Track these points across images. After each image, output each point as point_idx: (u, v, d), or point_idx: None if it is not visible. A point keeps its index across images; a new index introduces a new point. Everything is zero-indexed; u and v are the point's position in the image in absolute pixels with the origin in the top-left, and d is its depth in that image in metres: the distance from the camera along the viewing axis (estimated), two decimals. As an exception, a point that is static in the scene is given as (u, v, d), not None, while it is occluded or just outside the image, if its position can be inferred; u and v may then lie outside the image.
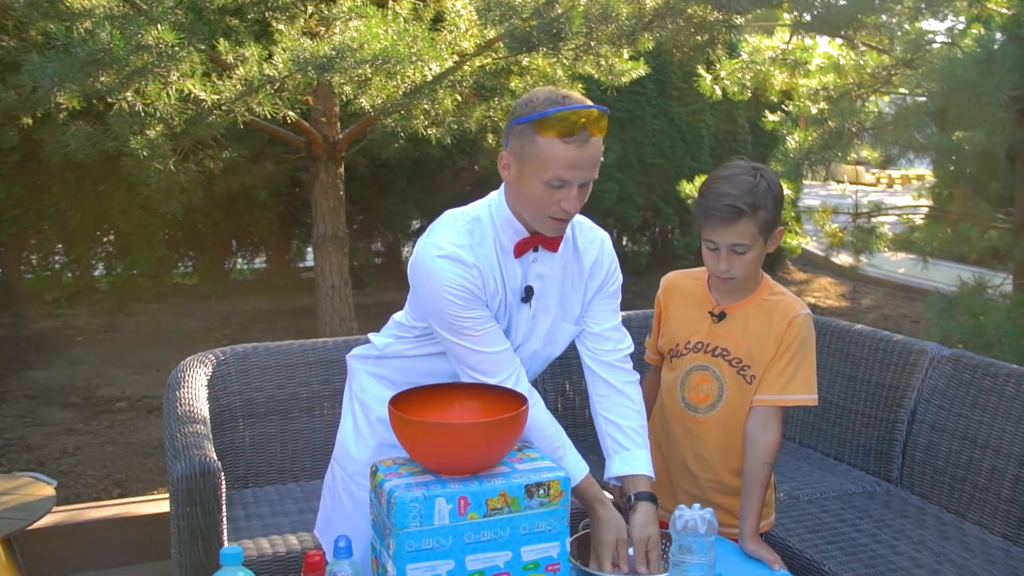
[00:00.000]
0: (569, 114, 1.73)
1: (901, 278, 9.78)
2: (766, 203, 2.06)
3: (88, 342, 6.96)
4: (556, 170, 1.75)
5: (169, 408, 3.14)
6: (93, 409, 5.45)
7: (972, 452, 3.02)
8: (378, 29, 4.25)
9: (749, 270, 2.15)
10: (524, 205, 1.84)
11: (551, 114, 1.73)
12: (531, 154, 1.77)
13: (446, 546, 1.61)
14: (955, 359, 3.20)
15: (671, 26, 4.72)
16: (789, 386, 2.18)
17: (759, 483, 2.16)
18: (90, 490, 4.29)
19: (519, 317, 1.92)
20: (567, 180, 1.76)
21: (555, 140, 1.74)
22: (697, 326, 2.26)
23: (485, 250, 1.87)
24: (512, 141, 1.81)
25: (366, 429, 2.03)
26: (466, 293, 1.81)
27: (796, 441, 3.74)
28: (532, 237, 1.88)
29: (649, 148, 9.63)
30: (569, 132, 1.73)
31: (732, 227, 2.07)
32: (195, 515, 2.72)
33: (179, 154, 5.31)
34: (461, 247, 1.84)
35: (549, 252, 1.92)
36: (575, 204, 1.80)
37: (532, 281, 1.91)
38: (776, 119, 5.91)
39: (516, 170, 1.81)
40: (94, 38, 3.84)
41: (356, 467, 2.02)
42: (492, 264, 1.87)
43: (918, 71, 4.83)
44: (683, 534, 1.54)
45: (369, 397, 2.04)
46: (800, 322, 2.19)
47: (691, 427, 2.26)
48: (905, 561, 2.73)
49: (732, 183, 2.08)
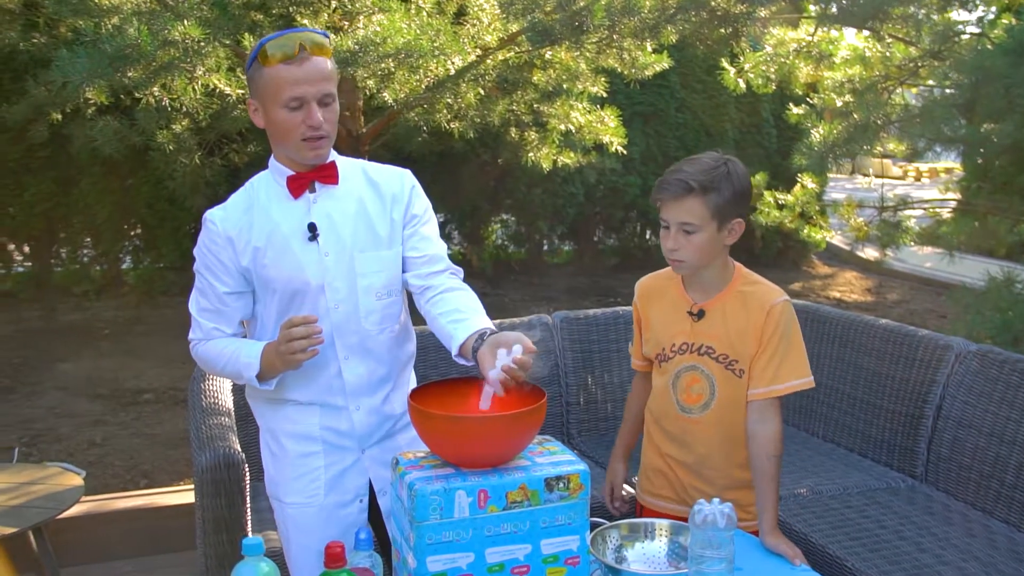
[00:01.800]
0: (284, 40, 1.89)
1: (928, 272, 9.67)
2: (720, 187, 2.08)
3: (115, 334, 7.04)
4: (288, 91, 1.88)
5: (194, 400, 3.18)
6: (120, 401, 5.51)
7: (999, 449, 2.99)
8: (401, 23, 4.25)
9: (699, 255, 2.14)
10: (280, 141, 1.97)
11: (265, 44, 1.89)
12: (265, 87, 1.91)
13: (466, 539, 1.62)
14: (982, 354, 3.17)
15: (694, 19, 4.68)
16: (778, 375, 2.17)
17: (768, 477, 2.15)
18: (117, 480, 4.35)
19: (307, 256, 1.97)
20: (301, 97, 1.89)
21: (279, 66, 1.89)
22: (679, 327, 2.25)
23: (258, 203, 1.99)
24: (251, 86, 1.96)
25: (280, 452, 2.10)
26: (201, 248, 2.01)
27: (820, 436, 3.72)
28: (303, 174, 1.99)
29: (672, 141, 9.57)
30: (287, 56, 1.88)
31: (681, 203, 2.09)
32: (219, 506, 2.75)
33: (204, 148, 5.35)
34: (223, 209, 2.01)
35: (330, 186, 2.01)
36: (316, 119, 1.90)
37: (316, 219, 1.99)
38: (800, 112, 5.85)
39: (261, 109, 1.95)
40: (122, 34, 3.87)
41: (280, 487, 2.11)
42: (264, 212, 1.98)
43: (946, 63, 4.77)
44: (703, 528, 1.54)
45: (274, 421, 2.11)
46: (779, 310, 2.18)
47: (689, 428, 2.25)
48: (930, 558, 2.71)
49: (692, 163, 2.13)
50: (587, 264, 9.48)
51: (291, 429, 2.07)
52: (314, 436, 2.06)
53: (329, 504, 2.06)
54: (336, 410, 2.06)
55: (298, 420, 2.06)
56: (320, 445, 2.06)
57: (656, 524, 1.89)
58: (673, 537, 1.85)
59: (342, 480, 2.07)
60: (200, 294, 2.04)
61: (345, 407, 2.06)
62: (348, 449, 2.08)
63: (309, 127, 1.92)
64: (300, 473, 2.06)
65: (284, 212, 2.00)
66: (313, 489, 2.06)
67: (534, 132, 5.99)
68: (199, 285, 2.04)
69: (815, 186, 6.34)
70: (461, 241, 9.53)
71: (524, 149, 5.95)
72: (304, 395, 2.05)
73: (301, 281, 1.98)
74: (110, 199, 7.86)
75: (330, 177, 2.02)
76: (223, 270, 2.00)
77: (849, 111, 4.84)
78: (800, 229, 6.31)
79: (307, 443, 2.07)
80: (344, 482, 2.08)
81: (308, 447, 2.06)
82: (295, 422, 2.07)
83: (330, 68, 1.94)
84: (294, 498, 2.07)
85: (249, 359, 1.97)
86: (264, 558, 1.48)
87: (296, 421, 2.07)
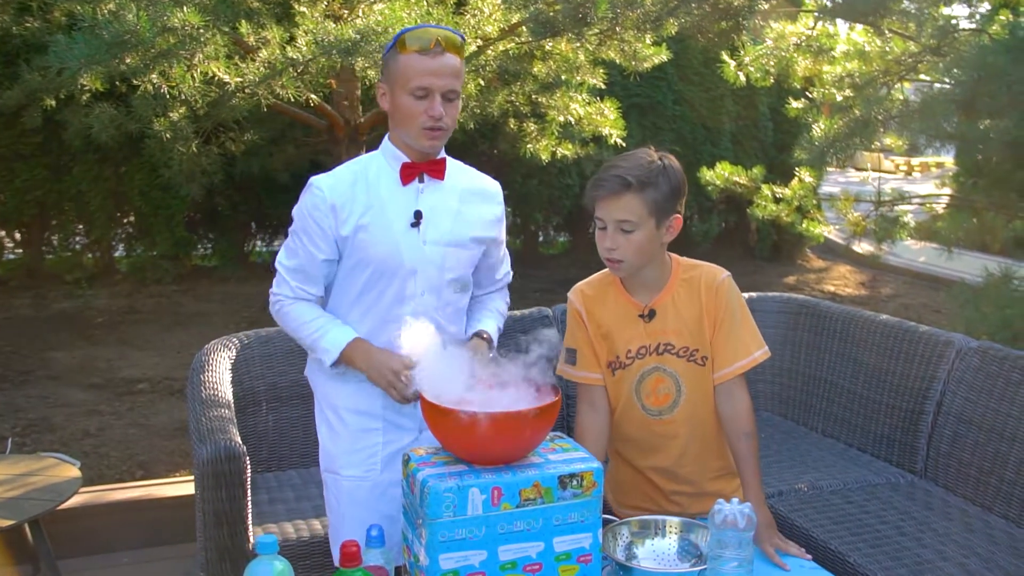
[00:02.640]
0: (422, 32, 2.01)
1: (921, 267, 9.71)
2: (657, 182, 2.05)
3: (108, 323, 7.00)
4: (417, 79, 1.99)
5: (194, 392, 3.15)
6: (115, 390, 5.48)
7: (999, 445, 2.99)
8: (402, 13, 4.22)
9: (638, 254, 2.10)
10: (400, 125, 2.06)
11: (407, 33, 2.01)
12: (397, 73, 2.02)
13: (479, 536, 1.61)
14: (982, 351, 3.17)
15: (696, 11, 4.67)
16: (739, 351, 2.16)
17: (746, 456, 2.15)
18: (113, 471, 4.32)
19: (407, 240, 2.07)
20: (428, 87, 1.99)
21: (413, 55, 1.99)
22: (631, 332, 2.20)
23: (366, 179, 2.08)
24: (384, 71, 2.08)
25: (340, 426, 2.17)
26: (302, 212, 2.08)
27: (819, 431, 3.73)
28: (416, 164, 2.08)
29: (669, 134, 9.56)
30: (425, 47, 1.99)
31: (618, 200, 2.06)
32: (220, 499, 2.74)
33: (201, 136, 5.31)
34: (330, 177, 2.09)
35: (436, 181, 2.11)
36: (438, 111, 2.00)
37: (421, 208, 2.09)
38: (800, 106, 5.85)
39: (389, 93, 2.06)
40: (120, 20, 3.83)
41: (337, 460, 2.17)
42: (372, 190, 2.08)
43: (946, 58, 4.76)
44: (722, 529, 1.54)
45: (336, 397, 2.17)
46: (726, 287, 2.18)
47: (659, 431, 2.22)
48: (931, 554, 2.71)
49: (627, 159, 2.10)
50: (582, 255, 9.47)
51: (353, 404, 2.15)
52: (376, 413, 2.14)
53: (384, 481, 2.13)
54: None
55: (363, 396, 2.14)
56: (381, 422, 2.14)
57: (667, 521, 1.89)
58: (683, 534, 1.85)
59: (398, 458, 2.09)
60: (291, 253, 2.11)
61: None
62: (407, 429, 2.15)
63: (430, 117, 2.00)
64: (359, 447, 2.14)
65: (392, 194, 2.08)
66: (370, 464, 2.14)
67: (533, 123, 5.98)
68: (292, 245, 2.11)
69: (812, 180, 6.34)
70: (456, 231, 9.50)
71: (523, 140, 5.93)
72: None
73: (396, 262, 2.06)
74: (103, 186, 7.81)
75: (439, 172, 2.11)
76: (321, 236, 2.06)
77: (850, 106, 4.83)
78: (796, 223, 6.31)
79: (368, 419, 2.14)
80: (399, 461, 2.07)
81: (369, 423, 2.14)
82: (359, 397, 2.14)
83: (459, 66, 2.05)
84: (351, 471, 2.15)
85: (329, 345, 2.06)
86: (278, 556, 1.47)
87: (360, 396, 2.14)
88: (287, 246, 2.14)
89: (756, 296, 4.05)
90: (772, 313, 3.96)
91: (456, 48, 2.03)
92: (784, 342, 3.90)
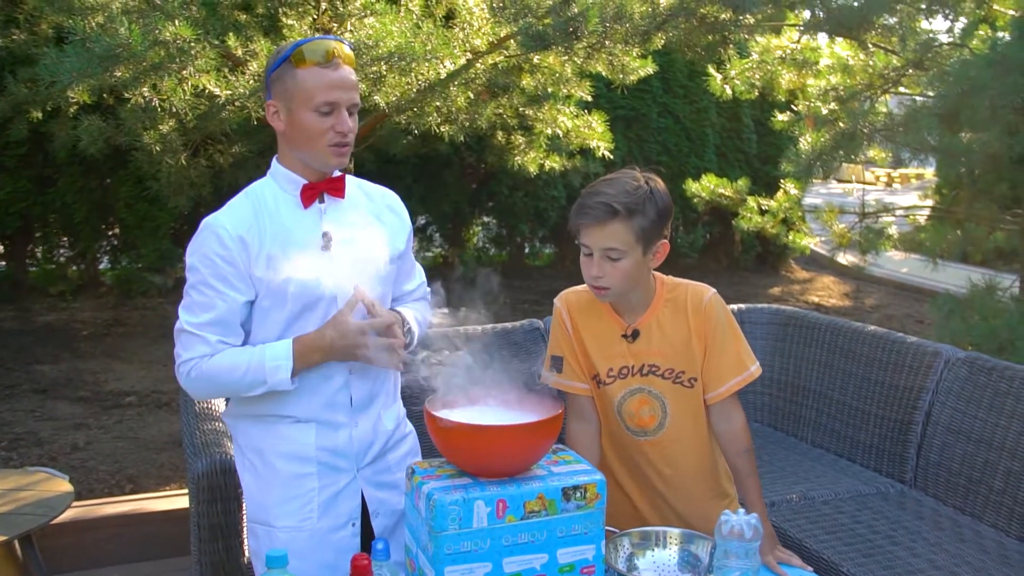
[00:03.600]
0: (318, 45, 1.90)
1: (904, 277, 9.80)
2: (644, 209, 1.97)
3: (94, 336, 6.96)
4: (322, 94, 1.88)
5: (186, 405, 3.15)
6: (102, 404, 5.45)
7: (988, 454, 3.03)
8: (392, 26, 4.25)
9: (625, 281, 2.03)
10: (302, 144, 1.93)
11: (302, 45, 1.89)
12: (295, 89, 1.89)
13: (484, 548, 1.62)
14: (970, 361, 3.21)
15: (684, 25, 4.71)
16: (733, 369, 2.12)
17: (747, 472, 2.13)
18: (102, 485, 4.30)
19: (321, 266, 1.94)
20: (335, 102, 1.89)
21: (313, 68, 1.88)
22: (614, 349, 2.14)
23: (265, 209, 1.94)
24: (274, 88, 1.93)
25: (268, 473, 2.01)
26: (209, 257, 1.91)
27: (809, 442, 3.76)
28: (315, 184, 1.96)
29: (654, 146, 9.63)
30: (325, 59, 1.88)
31: (604, 228, 1.98)
32: (215, 513, 2.73)
33: (190, 149, 5.30)
34: (228, 214, 1.95)
35: (337, 200, 1.99)
36: (347, 125, 1.91)
37: (327, 229, 1.97)
38: (786, 119, 5.91)
39: (285, 112, 1.92)
40: (109, 33, 3.83)
41: (269, 511, 2.01)
42: (274, 219, 1.93)
43: (929, 72, 4.83)
44: (728, 539, 1.55)
45: (262, 441, 2.02)
46: (713, 305, 2.12)
47: (647, 450, 2.18)
48: (923, 563, 2.74)
49: (612, 184, 2.01)
50: (568, 267, 9.51)
51: (284, 449, 1.99)
52: (309, 457, 1.99)
53: (322, 528, 1.99)
54: (335, 427, 2.00)
55: (293, 439, 1.99)
56: (315, 466, 1.99)
57: (668, 532, 1.90)
58: (684, 546, 1.86)
59: (335, 503, 2.01)
60: (202, 308, 1.91)
61: (345, 424, 2.00)
62: (342, 470, 2.01)
63: (338, 133, 1.90)
64: (292, 495, 1.99)
65: (295, 220, 1.95)
66: (306, 512, 1.99)
67: (521, 136, 6.01)
68: (200, 299, 1.91)
69: (797, 192, 6.40)
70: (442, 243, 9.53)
71: (511, 153, 5.96)
72: (304, 411, 1.98)
73: (316, 291, 1.93)
74: (88, 198, 7.78)
75: (339, 190, 2.00)
76: (237, 276, 1.90)
77: (835, 119, 4.89)
78: (782, 235, 6.37)
79: (301, 464, 1.99)
80: (337, 505, 2.01)
81: (301, 468, 1.99)
82: (289, 441, 1.99)
83: (355, 78, 1.94)
84: (285, 522, 1.98)
85: (276, 362, 1.88)
86: (286, 572, 1.48)
87: (290, 440, 1.99)
88: (192, 303, 1.92)
89: (745, 308, 4.08)
90: (761, 324, 4.00)
91: (351, 60, 1.93)
92: (773, 353, 3.93)
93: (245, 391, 1.92)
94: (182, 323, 1.93)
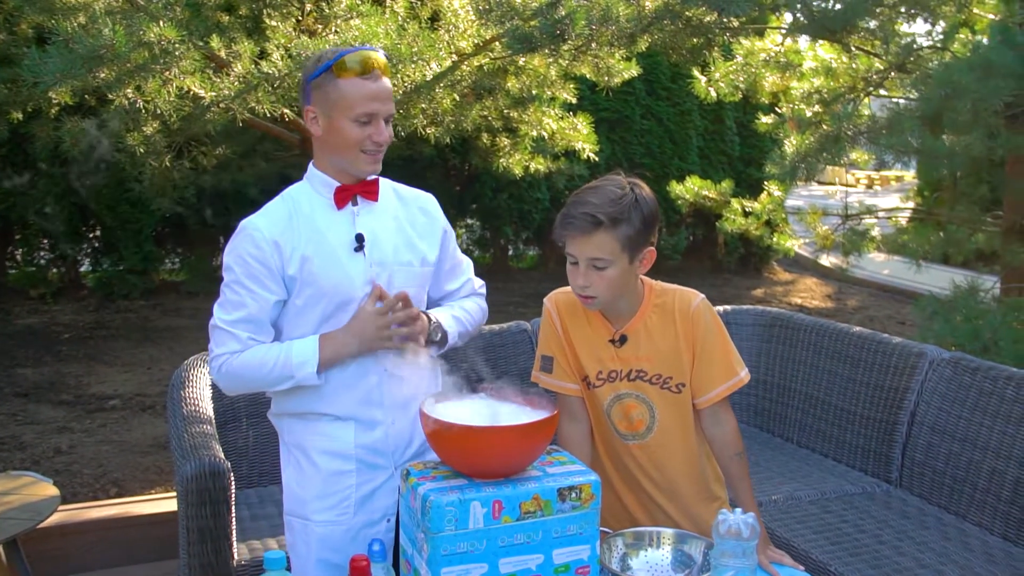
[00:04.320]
0: (360, 56, 1.94)
1: (885, 279, 9.87)
2: (630, 217, 1.96)
3: (76, 339, 6.91)
4: (362, 105, 1.93)
5: (174, 408, 3.13)
6: (85, 407, 5.41)
7: (972, 454, 3.06)
8: (378, 28, 4.24)
9: (611, 290, 2.03)
10: (338, 151, 1.98)
11: (344, 56, 1.93)
12: (336, 98, 1.94)
13: (480, 549, 1.62)
14: (955, 362, 3.24)
15: (669, 28, 4.73)
16: (722, 374, 2.12)
17: (739, 476, 2.15)
18: (86, 489, 4.26)
19: (355, 267, 2.00)
20: (373, 113, 1.94)
21: (354, 79, 1.93)
22: (602, 353, 2.14)
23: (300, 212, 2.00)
24: (314, 95, 1.98)
25: (310, 469, 2.06)
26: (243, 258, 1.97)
27: (795, 442, 3.78)
28: (348, 186, 2.02)
29: (638, 148, 9.67)
30: (365, 71, 1.94)
31: (590, 238, 1.96)
32: (204, 516, 2.72)
33: (173, 151, 5.28)
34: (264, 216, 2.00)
35: (370, 202, 2.05)
36: (384, 136, 1.97)
37: (361, 231, 2.02)
38: (770, 121, 5.94)
39: (324, 119, 1.97)
40: (92, 34, 3.80)
41: (308, 505, 2.06)
42: (308, 221, 1.99)
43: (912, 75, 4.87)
44: (725, 538, 1.56)
45: (306, 438, 2.06)
46: (701, 311, 2.12)
47: (636, 454, 2.19)
48: (909, 562, 2.77)
49: (597, 193, 1.99)
50: (552, 269, 9.52)
51: (325, 446, 2.04)
52: (348, 454, 2.04)
53: (357, 523, 2.05)
54: (372, 425, 2.04)
55: (333, 436, 2.04)
56: (354, 463, 2.04)
57: (661, 532, 1.91)
58: (677, 545, 1.87)
59: (372, 499, 2.06)
60: (234, 306, 1.98)
61: (382, 421, 2.04)
62: (380, 468, 2.06)
63: (374, 142, 1.96)
64: (331, 491, 2.04)
65: (329, 222, 2.01)
66: (343, 508, 2.04)
67: (506, 138, 6.01)
68: (233, 297, 1.98)
69: (780, 194, 6.44)
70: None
71: (496, 155, 5.96)
72: (342, 408, 2.03)
73: (347, 289, 1.98)
74: (69, 200, 7.72)
75: (372, 193, 2.05)
76: (269, 276, 1.97)
77: (819, 121, 4.92)
78: (766, 237, 6.40)
79: (341, 461, 2.04)
80: (374, 501, 2.05)
81: (341, 465, 2.04)
82: (330, 438, 2.04)
83: (391, 88, 2.00)
84: (323, 516, 2.04)
85: (303, 358, 1.95)
86: (285, 573, 1.47)
87: (331, 437, 2.04)
88: (226, 301, 1.99)
89: (731, 309, 4.11)
90: (747, 326, 4.02)
91: (388, 71, 1.99)
92: (759, 354, 3.96)
93: (273, 385, 1.99)
94: (216, 319, 2.00)
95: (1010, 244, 5.10)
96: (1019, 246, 4.99)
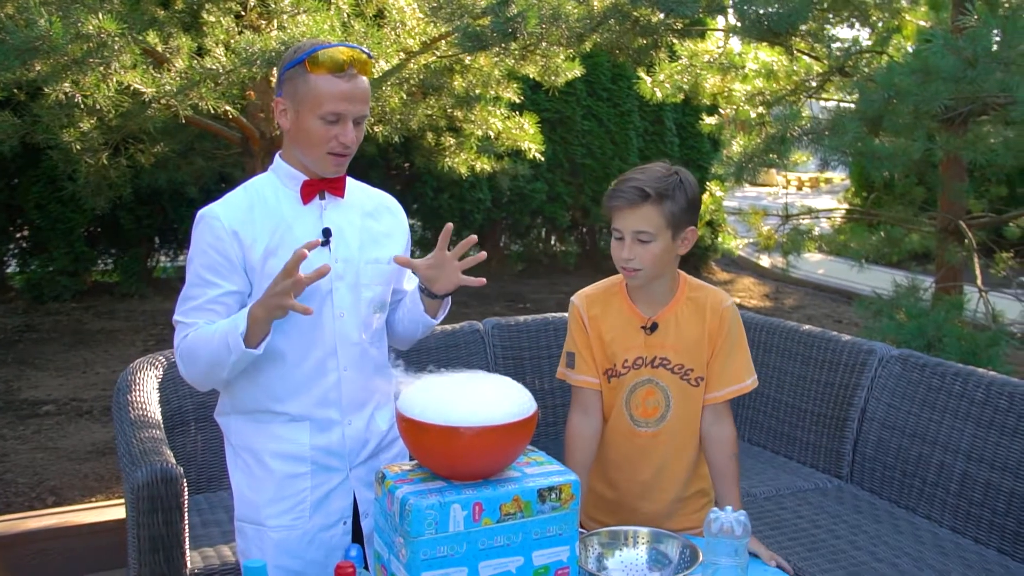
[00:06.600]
0: (336, 52, 1.89)
1: (821, 279, 10.07)
2: (675, 195, 2.07)
3: (5, 342, 6.65)
4: (330, 104, 1.88)
5: (120, 413, 3.03)
6: (17, 413, 5.20)
7: (921, 448, 3.13)
8: (324, 24, 4.17)
9: (655, 265, 2.11)
10: (303, 147, 1.94)
11: (319, 50, 1.88)
12: (305, 93, 1.89)
13: (460, 553, 1.59)
14: (903, 359, 3.31)
15: (617, 28, 4.75)
16: (734, 376, 2.21)
17: (731, 477, 2.20)
18: (22, 499, 4.10)
19: (320, 261, 1.91)
20: (341, 113, 1.89)
21: (326, 76, 1.88)
22: (632, 341, 2.21)
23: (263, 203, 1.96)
24: (286, 86, 1.93)
25: (262, 473, 2.00)
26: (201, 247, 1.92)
27: (746, 440, 3.82)
28: (315, 181, 1.98)
29: (579, 148, 9.70)
30: (339, 68, 1.88)
31: (636, 211, 2.07)
32: (156, 523, 2.63)
33: (110, 148, 5.12)
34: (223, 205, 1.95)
35: (337, 199, 2.01)
36: (351, 137, 1.91)
37: (328, 226, 1.99)
38: (713, 122, 6.01)
39: (292, 112, 1.92)
40: (30, 25, 3.66)
41: (261, 511, 1.99)
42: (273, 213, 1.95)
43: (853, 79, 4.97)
44: (717, 537, 1.56)
45: (256, 441, 2.00)
46: (731, 311, 2.22)
47: (642, 443, 2.24)
48: (865, 556, 2.81)
49: (644, 171, 2.12)
50: (494, 270, 9.49)
51: (277, 448, 1.98)
52: (303, 456, 1.98)
53: (313, 527, 1.99)
54: (328, 425, 1.99)
55: (286, 438, 1.98)
56: (308, 466, 1.99)
57: (637, 532, 1.90)
58: (653, 545, 1.86)
59: (327, 502, 2.01)
60: (192, 296, 1.93)
61: (338, 421, 2.00)
62: (335, 470, 2.01)
63: (340, 143, 1.91)
64: (285, 495, 1.98)
65: (296, 214, 1.97)
66: (299, 512, 1.98)
67: (451, 137, 5.97)
68: (192, 292, 1.93)
69: (721, 194, 6.52)
70: (367, 246, 9.40)
71: (440, 155, 5.92)
72: (297, 407, 1.97)
73: (312, 285, 1.88)
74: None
75: (339, 190, 2.01)
76: (228, 267, 1.91)
77: (763, 123, 4.99)
78: (707, 237, 6.48)
79: (295, 463, 1.98)
80: (329, 504, 2.01)
81: (295, 468, 1.98)
82: (283, 440, 1.98)
83: (369, 89, 1.94)
84: (278, 521, 1.98)
85: (235, 322, 1.84)
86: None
87: (284, 439, 1.98)
88: (186, 295, 1.94)
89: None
90: (698, 324, 4.05)
91: (367, 69, 1.93)
92: (710, 353, 3.99)
93: (219, 360, 1.86)
94: (176, 311, 1.96)
95: (945, 244, 5.24)
96: (955, 245, 5.13)
